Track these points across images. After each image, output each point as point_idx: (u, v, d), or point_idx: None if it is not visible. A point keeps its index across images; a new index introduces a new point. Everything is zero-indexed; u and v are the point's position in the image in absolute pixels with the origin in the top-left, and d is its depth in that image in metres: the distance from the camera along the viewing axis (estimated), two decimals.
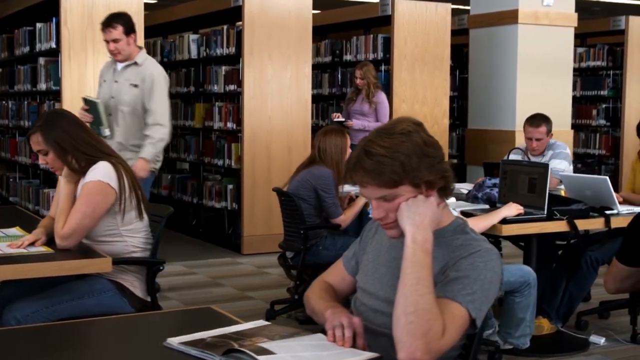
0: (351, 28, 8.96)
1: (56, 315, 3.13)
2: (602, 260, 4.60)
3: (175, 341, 2.05)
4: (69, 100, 6.34)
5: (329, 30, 9.37)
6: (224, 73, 7.42)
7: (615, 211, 4.46)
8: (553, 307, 4.64)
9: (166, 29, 8.96)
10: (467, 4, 8.96)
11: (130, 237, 3.37)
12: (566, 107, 8.44)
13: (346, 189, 5.03)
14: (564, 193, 4.78)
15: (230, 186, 7.36)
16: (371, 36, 8.22)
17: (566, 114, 8.45)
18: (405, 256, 2.01)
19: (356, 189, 2.64)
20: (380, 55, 8.01)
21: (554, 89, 8.28)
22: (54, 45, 6.70)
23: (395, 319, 1.95)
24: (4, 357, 2.03)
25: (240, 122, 7.06)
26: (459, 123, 9.70)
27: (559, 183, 5.11)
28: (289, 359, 1.90)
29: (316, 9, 7.46)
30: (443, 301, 1.98)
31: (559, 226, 4.27)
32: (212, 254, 7.19)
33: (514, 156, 5.41)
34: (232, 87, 7.31)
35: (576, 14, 8.37)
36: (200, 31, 8.42)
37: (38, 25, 7.15)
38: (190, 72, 8.13)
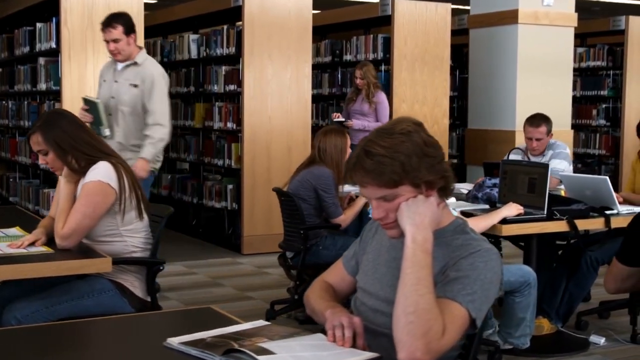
0: (351, 28, 8.96)
1: (56, 315, 3.13)
2: (602, 260, 4.60)
3: (175, 341, 2.05)
4: (69, 100, 6.34)
5: (329, 30, 9.36)
6: (224, 73, 7.42)
7: (615, 211, 4.46)
8: (553, 307, 4.64)
9: (166, 29, 8.96)
10: (467, 4, 8.96)
11: (130, 237, 3.37)
12: (566, 107, 8.44)
13: (346, 189, 5.03)
14: (564, 193, 4.78)
15: (230, 186, 7.36)
16: (371, 36, 8.21)
17: (566, 114, 8.44)
18: (405, 256, 2.01)
19: (356, 189, 2.64)
20: (380, 55, 8.01)
21: (554, 89, 8.28)
22: (54, 45, 6.70)
23: (395, 319, 1.95)
24: (3, 357, 2.03)
25: (240, 122, 7.06)
26: (459, 123, 9.70)
27: (559, 183, 5.11)
28: (288, 359, 1.90)
29: (316, 9, 7.46)
30: (443, 301, 1.98)
31: (559, 226, 4.27)
32: (212, 254, 7.18)
33: (514, 156, 5.41)
34: (232, 87, 7.30)
35: (576, 14, 8.36)
36: (200, 31, 8.42)
37: (38, 25, 7.15)
38: (190, 72, 8.13)
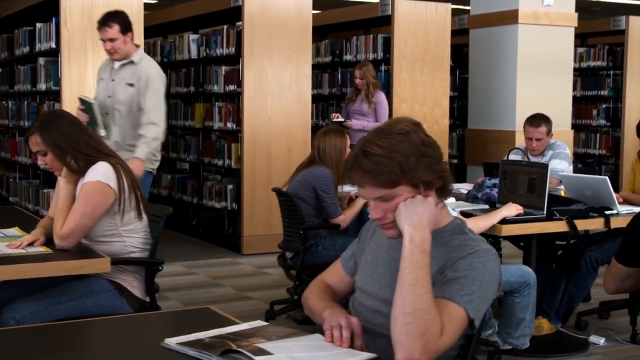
0: (351, 28, 8.95)
1: (55, 315, 3.12)
2: (602, 261, 4.59)
3: (173, 341, 2.05)
4: (68, 101, 6.33)
5: (329, 30, 9.36)
6: (224, 73, 7.41)
7: (614, 211, 4.46)
8: (553, 308, 4.64)
9: (166, 29, 8.95)
10: (467, 4, 8.96)
11: (129, 238, 3.37)
12: (566, 107, 8.44)
13: (346, 189, 5.03)
14: (563, 193, 4.78)
15: (230, 186, 7.36)
16: (371, 36, 8.21)
17: (566, 114, 8.44)
18: (403, 256, 2.01)
19: (356, 189, 2.64)
20: (380, 55, 8.00)
21: (554, 89, 8.27)
22: (53, 45, 6.70)
23: (393, 319, 1.95)
24: (3, 358, 2.03)
25: (240, 122, 7.05)
26: (459, 123, 9.70)
27: (558, 183, 5.11)
28: (285, 359, 1.90)
29: (316, 9, 7.46)
30: (441, 301, 1.98)
31: (559, 226, 4.27)
32: (212, 254, 7.18)
33: (514, 156, 5.40)
34: (232, 87, 7.30)
35: (576, 14, 8.36)
36: (200, 31, 8.42)
37: (38, 25, 7.15)
38: (190, 72, 8.13)
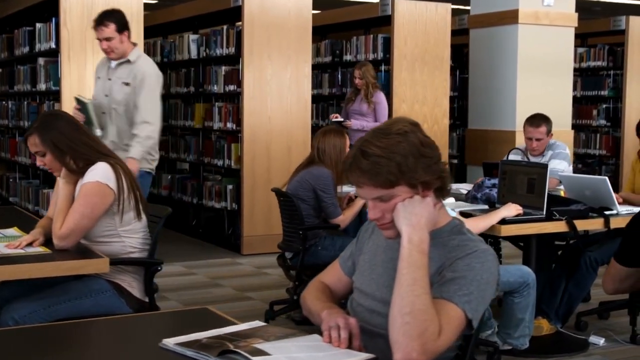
0: (351, 28, 8.95)
1: (54, 315, 3.12)
2: (602, 261, 4.59)
3: (171, 342, 2.05)
4: (68, 101, 6.32)
5: (329, 30, 9.36)
6: (223, 73, 7.41)
7: (614, 211, 4.45)
8: (552, 308, 4.63)
9: (166, 29, 8.95)
10: (467, 4, 8.96)
11: (128, 238, 3.37)
12: (566, 107, 8.43)
13: (345, 189, 5.03)
14: (563, 193, 4.77)
15: (230, 186, 7.35)
16: (371, 36, 8.21)
17: (566, 114, 8.44)
18: (401, 257, 2.00)
19: (355, 189, 2.64)
20: (380, 55, 8.00)
21: (554, 89, 8.27)
22: (53, 45, 6.69)
23: (392, 319, 1.94)
24: (2, 358, 2.03)
25: (240, 122, 7.05)
26: (459, 123, 9.70)
27: (558, 183, 5.11)
28: (283, 359, 1.90)
29: (316, 9, 7.46)
30: (439, 302, 1.98)
31: (558, 226, 4.26)
32: (211, 254, 7.18)
33: (514, 156, 5.40)
34: (231, 87, 7.30)
35: (576, 14, 8.36)
36: (200, 31, 8.42)
37: (38, 25, 7.15)
38: (190, 72, 8.13)
